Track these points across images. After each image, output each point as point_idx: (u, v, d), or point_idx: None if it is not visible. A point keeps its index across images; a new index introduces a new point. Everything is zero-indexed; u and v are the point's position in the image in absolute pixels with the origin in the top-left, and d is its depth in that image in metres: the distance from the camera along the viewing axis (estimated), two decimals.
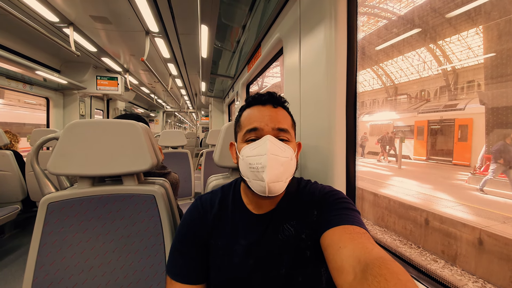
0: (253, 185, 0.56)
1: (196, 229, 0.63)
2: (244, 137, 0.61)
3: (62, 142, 0.77)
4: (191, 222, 0.65)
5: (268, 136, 0.57)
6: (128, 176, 0.84)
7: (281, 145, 0.58)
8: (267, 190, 0.53)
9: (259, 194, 0.55)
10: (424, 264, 3.36)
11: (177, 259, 0.62)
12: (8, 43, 2.80)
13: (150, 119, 9.86)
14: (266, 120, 0.60)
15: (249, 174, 0.56)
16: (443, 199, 4.91)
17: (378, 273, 0.36)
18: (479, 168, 6.45)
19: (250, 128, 0.60)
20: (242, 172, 0.60)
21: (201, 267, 0.62)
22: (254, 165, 0.55)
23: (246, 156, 0.58)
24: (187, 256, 0.62)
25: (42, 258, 0.74)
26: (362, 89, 20.66)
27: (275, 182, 0.54)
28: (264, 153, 0.54)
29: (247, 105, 0.65)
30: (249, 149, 0.58)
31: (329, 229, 0.51)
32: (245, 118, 0.63)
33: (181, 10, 2.27)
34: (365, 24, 15.08)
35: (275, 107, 0.62)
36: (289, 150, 0.58)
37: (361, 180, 6.85)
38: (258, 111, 0.62)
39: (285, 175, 0.56)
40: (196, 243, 0.62)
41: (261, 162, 0.54)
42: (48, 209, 0.76)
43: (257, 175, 0.55)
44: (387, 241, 4.22)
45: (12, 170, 2.36)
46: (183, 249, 0.62)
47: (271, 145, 0.55)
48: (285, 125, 0.61)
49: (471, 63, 13.37)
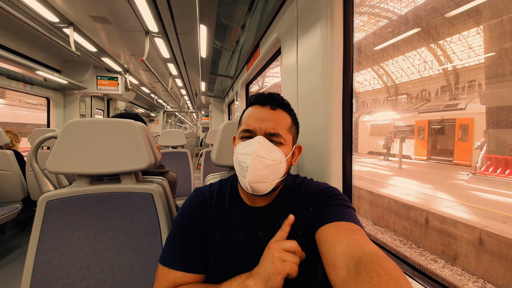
0: (240, 181, 0.60)
1: (197, 218, 0.64)
2: (240, 135, 0.64)
3: (61, 140, 0.78)
4: (192, 211, 0.65)
5: (259, 137, 0.59)
6: (126, 175, 0.85)
7: (271, 148, 0.58)
8: (250, 188, 0.57)
9: (246, 190, 0.59)
10: (422, 263, 3.37)
11: (177, 248, 0.62)
12: (9, 43, 2.81)
13: (150, 119, 9.88)
14: (260, 123, 0.61)
15: (239, 170, 0.60)
16: (444, 199, 4.90)
17: (371, 269, 0.36)
18: (480, 168, 6.44)
19: (245, 129, 0.62)
20: (235, 166, 0.63)
21: (202, 256, 0.62)
22: (242, 163, 0.58)
23: (237, 153, 0.61)
24: (188, 244, 0.62)
25: (41, 255, 0.75)
26: (363, 89, 20.64)
27: (257, 183, 0.56)
28: (250, 154, 0.56)
29: (250, 103, 0.67)
30: (241, 146, 0.61)
31: (324, 225, 0.52)
32: (245, 116, 0.65)
33: (180, 10, 2.28)
34: (365, 24, 15.06)
35: (273, 109, 0.63)
36: (278, 153, 0.59)
37: (362, 180, 6.85)
38: (256, 112, 0.63)
39: (271, 177, 0.58)
40: (198, 232, 0.63)
41: (246, 162, 0.57)
42: (47, 207, 0.76)
43: (243, 173, 0.58)
44: (387, 240, 4.22)
45: (13, 169, 2.37)
46: (184, 238, 0.62)
47: (258, 146, 0.57)
48: (278, 129, 0.61)
49: (472, 62, 13.35)
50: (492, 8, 6.40)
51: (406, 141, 11.15)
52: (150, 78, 5.49)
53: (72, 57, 3.37)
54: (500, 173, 5.84)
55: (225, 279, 0.59)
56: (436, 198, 5.01)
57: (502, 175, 5.76)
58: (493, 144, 5.96)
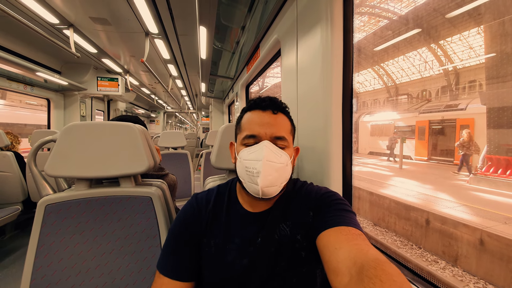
0: (248, 187, 0.58)
1: (190, 227, 0.64)
2: (243, 141, 0.63)
3: (60, 144, 0.77)
4: (185, 220, 0.65)
5: (266, 142, 0.58)
6: (125, 178, 0.85)
7: (277, 151, 0.59)
8: (261, 193, 0.56)
9: (254, 196, 0.58)
10: (424, 266, 3.36)
11: (169, 255, 0.63)
12: (9, 45, 2.82)
13: (150, 119, 9.88)
14: (264, 128, 0.61)
15: (245, 176, 0.59)
16: (444, 200, 4.89)
17: (374, 275, 0.36)
18: (481, 169, 6.42)
19: (249, 135, 0.62)
20: (239, 173, 0.62)
21: (192, 265, 0.62)
22: (250, 169, 0.57)
23: (243, 159, 0.59)
24: (179, 253, 0.62)
25: (40, 259, 0.74)
26: (363, 89, 20.63)
27: (269, 187, 0.56)
28: (260, 159, 0.56)
29: (248, 108, 0.66)
30: (246, 152, 0.60)
31: (325, 230, 0.51)
32: (245, 121, 0.65)
33: (180, 11, 2.28)
34: (366, 24, 15.06)
35: (275, 113, 0.63)
36: (285, 156, 0.60)
37: (362, 180, 6.84)
38: (258, 116, 0.63)
39: (280, 180, 0.58)
40: (189, 241, 0.63)
41: (256, 167, 0.56)
42: (46, 210, 0.76)
43: (252, 179, 0.57)
44: (387, 241, 4.21)
45: (13, 171, 2.37)
46: (176, 246, 0.63)
47: (267, 151, 0.57)
48: (282, 133, 0.62)
49: (472, 62, 13.33)
50: (493, 8, 6.39)
51: (406, 142, 11.13)
52: (150, 79, 5.50)
53: (72, 58, 3.38)
54: (501, 174, 5.82)
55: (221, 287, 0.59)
56: (437, 198, 4.99)
57: (503, 175, 5.74)
58: (494, 144, 5.94)
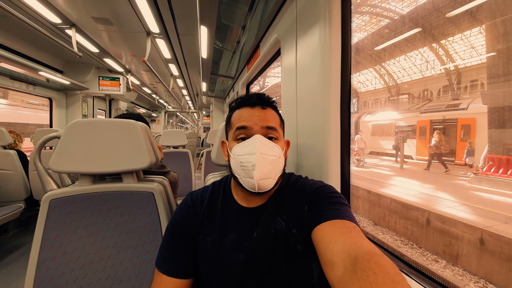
0: (244, 182, 0.59)
1: (184, 225, 0.65)
2: (235, 135, 0.63)
3: (64, 140, 0.79)
4: (180, 217, 0.66)
5: (258, 136, 0.59)
6: (128, 174, 0.86)
7: (270, 144, 0.60)
8: (256, 186, 0.56)
9: (250, 191, 0.59)
10: (419, 262, 3.36)
11: (166, 253, 0.64)
12: (12, 45, 2.84)
13: (152, 119, 9.91)
14: (255, 120, 0.62)
15: (240, 171, 0.59)
16: (445, 199, 4.89)
17: (367, 267, 0.36)
18: (482, 169, 6.41)
19: (240, 126, 0.62)
20: (233, 169, 0.62)
21: (190, 262, 0.63)
22: (245, 164, 0.58)
23: (237, 155, 0.60)
24: (175, 250, 0.64)
25: (44, 253, 0.76)
26: (364, 89, 20.59)
27: (264, 179, 0.57)
28: (254, 152, 0.57)
29: (237, 106, 0.67)
30: (239, 148, 0.60)
31: (320, 223, 0.52)
32: (235, 118, 0.65)
33: (181, 11, 2.30)
34: (367, 24, 15.03)
35: (263, 108, 0.64)
36: (277, 149, 0.61)
37: (363, 180, 6.84)
38: (247, 112, 0.64)
39: (274, 172, 0.59)
40: (185, 238, 0.64)
41: (251, 161, 0.57)
42: (50, 205, 0.78)
43: (248, 173, 0.57)
44: (388, 241, 4.22)
45: (16, 169, 2.40)
46: (172, 243, 0.64)
47: (260, 144, 0.58)
48: (273, 124, 0.63)
49: (474, 62, 13.27)
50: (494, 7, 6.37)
51: (407, 141, 11.10)
52: (152, 79, 5.52)
53: (74, 58, 3.40)
54: (502, 173, 5.81)
55: (218, 284, 0.60)
56: (437, 198, 4.99)
57: (504, 175, 5.73)
58: (495, 144, 5.93)
